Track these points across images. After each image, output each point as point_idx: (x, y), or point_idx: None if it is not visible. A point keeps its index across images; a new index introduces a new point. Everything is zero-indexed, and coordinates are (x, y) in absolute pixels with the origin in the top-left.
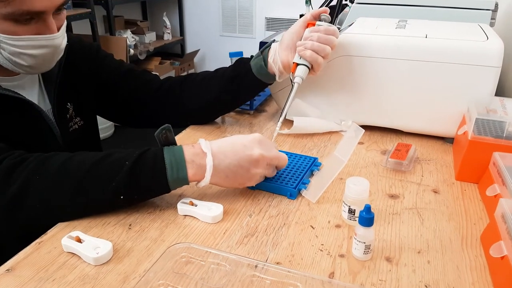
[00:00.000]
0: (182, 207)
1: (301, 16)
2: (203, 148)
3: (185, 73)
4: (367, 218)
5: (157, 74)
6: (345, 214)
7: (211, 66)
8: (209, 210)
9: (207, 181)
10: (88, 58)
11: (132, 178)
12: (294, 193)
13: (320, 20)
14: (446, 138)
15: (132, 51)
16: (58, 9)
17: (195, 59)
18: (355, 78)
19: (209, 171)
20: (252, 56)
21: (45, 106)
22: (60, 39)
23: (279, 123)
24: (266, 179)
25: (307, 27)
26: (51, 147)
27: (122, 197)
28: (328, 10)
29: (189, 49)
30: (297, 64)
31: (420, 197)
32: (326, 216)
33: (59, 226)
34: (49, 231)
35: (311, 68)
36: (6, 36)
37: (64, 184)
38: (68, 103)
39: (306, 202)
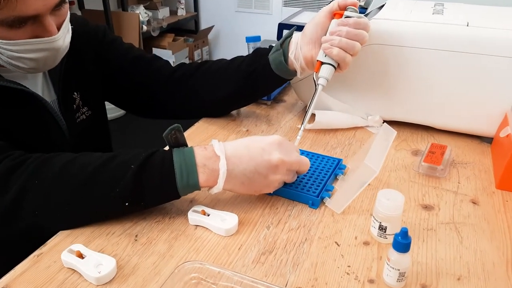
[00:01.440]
0: (193, 217)
1: None
2: (216, 151)
3: (198, 50)
4: (403, 244)
5: (168, 60)
6: (375, 231)
7: (226, 43)
8: (222, 222)
9: (220, 188)
10: (94, 42)
11: (138, 183)
12: (316, 202)
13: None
14: (484, 137)
15: (145, 27)
16: (57, 6)
17: (210, 36)
18: (385, 69)
19: (223, 177)
20: (271, 47)
21: (50, 96)
22: (61, 40)
23: (301, 131)
24: (285, 184)
25: (333, 17)
26: (56, 140)
27: (127, 204)
28: (358, 3)
29: (203, 25)
30: (322, 63)
31: (457, 208)
32: (352, 231)
33: (60, 235)
34: (49, 241)
35: (337, 67)
36: (1, 41)
37: (64, 189)
38: (75, 93)
39: (330, 212)
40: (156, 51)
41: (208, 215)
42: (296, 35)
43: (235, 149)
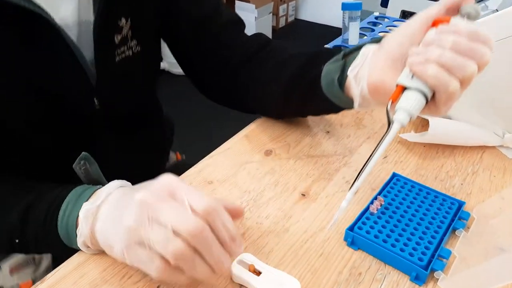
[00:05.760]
0: (239, 273)
1: None
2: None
3: (284, 6)
4: None
5: (259, 33)
6: None
7: None
8: None
9: (83, 238)
10: None
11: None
12: (423, 276)
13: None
14: None
15: None
16: None
17: None
18: None
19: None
20: (344, 50)
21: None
22: None
23: (348, 198)
24: (375, 236)
25: (432, 26)
26: (74, 87)
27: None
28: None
29: None
30: (404, 89)
31: None
32: None
33: (67, 266)
34: (51, 274)
35: (430, 99)
36: None
37: None
38: (123, 18)
39: None
40: (238, 4)
41: (259, 274)
42: (371, 46)
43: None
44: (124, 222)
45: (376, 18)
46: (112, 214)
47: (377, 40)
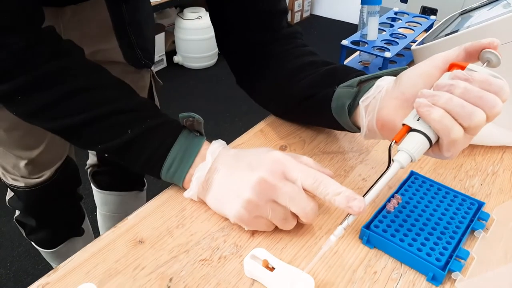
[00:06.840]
0: (251, 268)
1: None
2: (207, 153)
3: (299, 1)
4: None
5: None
6: None
7: None
8: (292, 287)
9: (192, 194)
10: None
11: (124, 151)
12: (440, 276)
13: (480, 61)
14: None
15: None
16: None
17: None
18: None
19: (196, 181)
20: (360, 77)
21: None
22: None
23: (337, 233)
24: (392, 233)
25: (449, 69)
26: None
27: (106, 155)
28: (498, 43)
29: None
30: (410, 129)
31: None
32: None
33: (77, 258)
34: (62, 265)
35: (433, 143)
36: None
37: (50, 120)
38: None
39: None
40: None
41: (273, 269)
42: (387, 79)
43: (230, 155)
44: (243, 196)
45: (396, 13)
46: (226, 184)
47: (394, 72)
